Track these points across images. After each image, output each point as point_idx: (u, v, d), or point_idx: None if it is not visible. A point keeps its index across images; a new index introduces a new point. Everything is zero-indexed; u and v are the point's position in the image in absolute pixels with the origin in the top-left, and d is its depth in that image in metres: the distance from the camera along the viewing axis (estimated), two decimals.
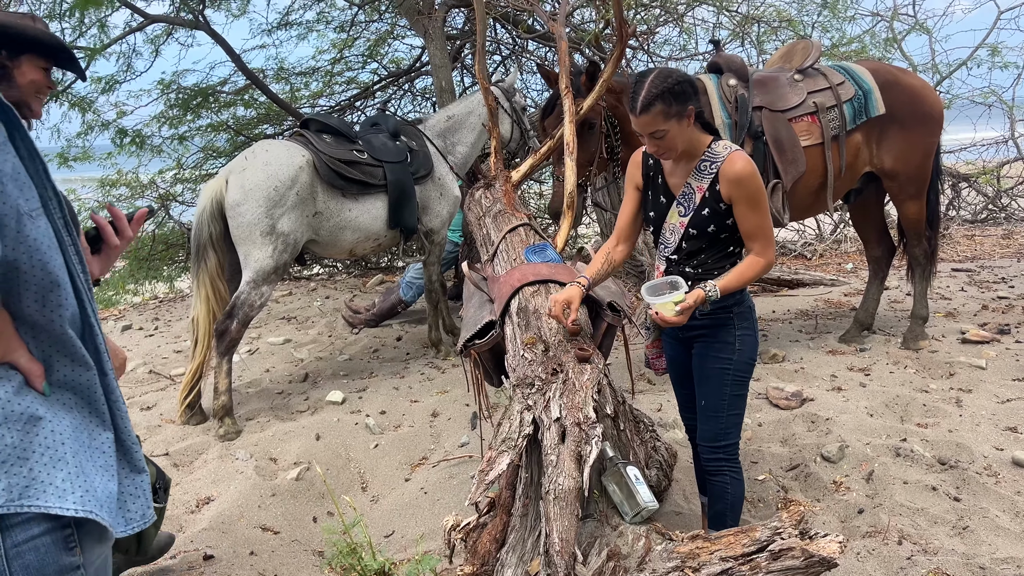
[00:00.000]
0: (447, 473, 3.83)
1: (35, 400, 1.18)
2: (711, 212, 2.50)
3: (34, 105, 2.15)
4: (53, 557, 1.17)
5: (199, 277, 4.58)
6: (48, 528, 1.17)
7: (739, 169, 2.42)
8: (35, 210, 1.18)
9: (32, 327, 1.19)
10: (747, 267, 2.50)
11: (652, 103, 2.36)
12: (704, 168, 2.49)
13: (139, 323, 7.56)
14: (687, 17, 8.93)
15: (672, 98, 2.36)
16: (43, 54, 2.09)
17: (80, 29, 7.77)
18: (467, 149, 5.73)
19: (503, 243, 3.53)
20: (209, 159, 9.45)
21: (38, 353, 1.20)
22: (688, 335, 2.68)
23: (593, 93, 4.12)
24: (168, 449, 4.23)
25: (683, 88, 2.38)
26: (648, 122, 2.39)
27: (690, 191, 2.53)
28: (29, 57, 2.09)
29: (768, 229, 2.50)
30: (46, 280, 1.18)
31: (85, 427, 1.24)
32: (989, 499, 3.23)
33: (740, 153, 2.46)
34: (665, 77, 2.38)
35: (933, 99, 5.00)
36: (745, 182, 2.43)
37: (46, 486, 1.15)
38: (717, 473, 2.66)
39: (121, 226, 1.43)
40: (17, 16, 2.17)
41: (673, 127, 2.39)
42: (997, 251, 8.60)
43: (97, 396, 1.27)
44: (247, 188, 4.45)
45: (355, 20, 9.67)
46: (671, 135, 2.41)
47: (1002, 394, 4.28)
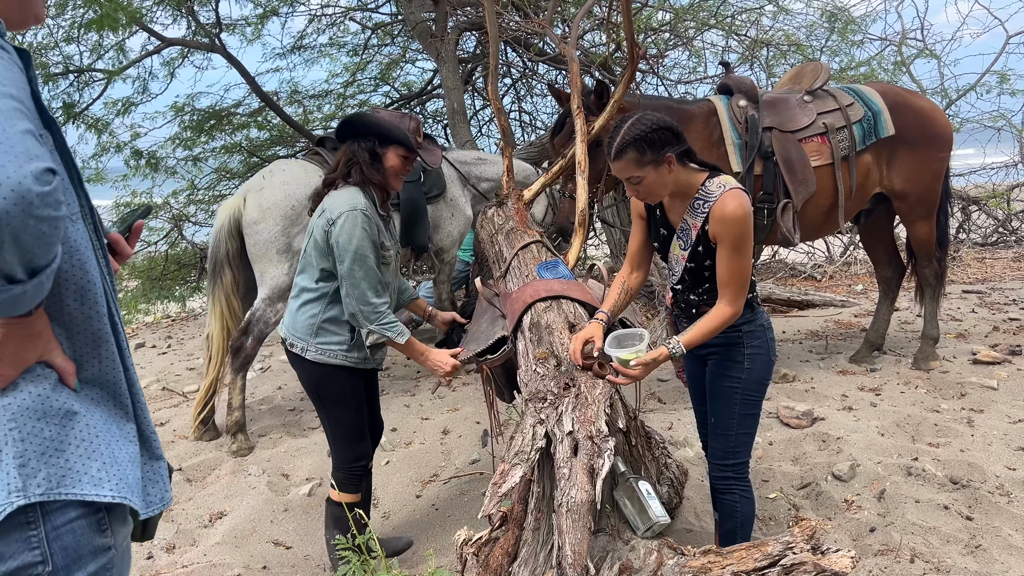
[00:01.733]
0: (458, 490, 3.84)
1: (70, 396, 1.26)
2: (705, 250, 2.47)
3: (394, 183, 2.89)
4: (88, 539, 1.26)
5: (215, 294, 4.63)
6: (83, 513, 1.25)
7: (728, 211, 2.36)
8: (75, 214, 1.27)
9: (67, 327, 1.26)
10: (712, 319, 2.44)
11: (624, 150, 2.34)
12: (698, 207, 2.45)
13: (152, 341, 7.62)
14: (696, 41, 9.02)
15: (646, 145, 2.33)
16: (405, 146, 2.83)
17: (99, 51, 7.90)
18: (489, 186, 5.80)
19: (515, 260, 3.56)
20: (223, 180, 9.56)
21: (70, 352, 1.27)
22: (703, 352, 2.67)
23: (605, 113, 4.17)
24: (181, 464, 4.26)
25: (659, 135, 2.34)
26: (621, 168, 2.38)
27: (687, 227, 2.51)
28: (395, 148, 2.82)
29: (744, 276, 2.42)
30: (84, 280, 1.26)
31: (114, 419, 1.32)
32: (1001, 518, 3.22)
33: (735, 193, 2.39)
34: (640, 124, 2.35)
35: (942, 121, 5.03)
36: (731, 224, 2.36)
37: (81, 475, 1.23)
38: (726, 491, 2.66)
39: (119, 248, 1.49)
40: (393, 115, 2.92)
41: (649, 173, 2.37)
42: (1008, 273, 8.58)
43: (122, 390, 1.35)
44: (265, 207, 4.51)
45: (368, 44, 9.81)
46: (648, 181, 2.39)
47: (1014, 414, 4.27)
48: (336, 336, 2.87)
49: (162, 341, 7.61)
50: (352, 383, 2.95)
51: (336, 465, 3.02)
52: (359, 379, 2.99)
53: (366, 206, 2.75)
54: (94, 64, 8.00)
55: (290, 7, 8.84)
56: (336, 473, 3.01)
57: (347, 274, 2.73)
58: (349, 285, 2.74)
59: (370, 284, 2.73)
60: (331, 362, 2.88)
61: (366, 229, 2.71)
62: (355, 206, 2.72)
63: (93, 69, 8.02)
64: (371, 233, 2.74)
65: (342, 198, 2.76)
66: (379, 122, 2.80)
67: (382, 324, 2.78)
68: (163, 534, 3.52)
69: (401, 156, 2.84)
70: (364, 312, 2.75)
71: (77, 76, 7.94)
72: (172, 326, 8.58)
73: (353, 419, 2.97)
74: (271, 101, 8.38)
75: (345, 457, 2.99)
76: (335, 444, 3.01)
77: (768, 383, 2.64)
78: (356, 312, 2.77)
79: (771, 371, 2.64)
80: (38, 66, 7.46)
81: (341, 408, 2.95)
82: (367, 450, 3.05)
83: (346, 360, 2.90)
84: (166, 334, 8.01)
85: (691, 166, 2.49)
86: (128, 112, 8.48)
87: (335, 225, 2.72)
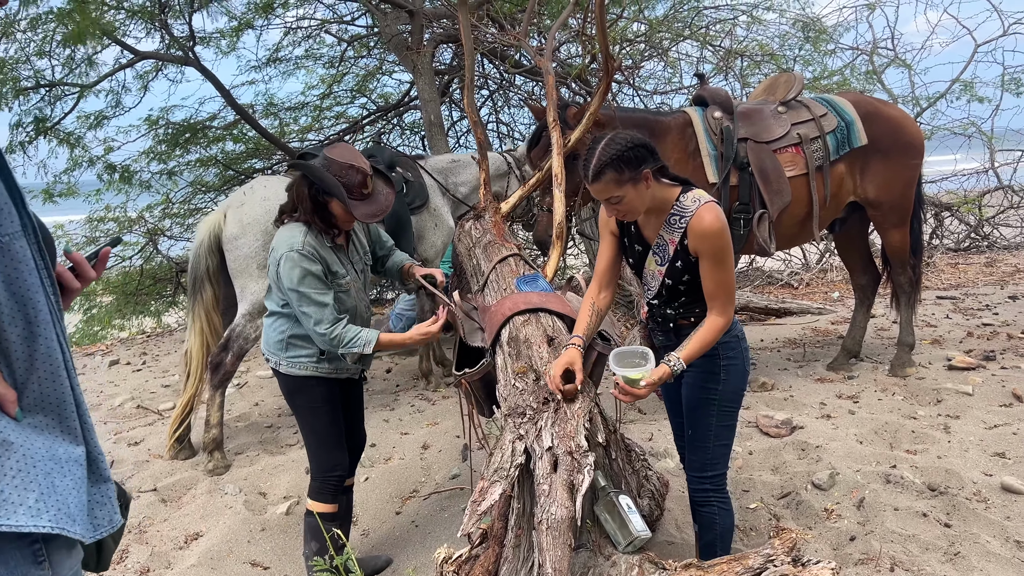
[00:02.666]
0: (438, 506, 3.81)
1: (7, 426, 1.21)
2: (684, 264, 2.48)
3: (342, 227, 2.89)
4: (23, 570, 1.22)
5: (195, 310, 4.59)
6: (16, 545, 1.21)
7: (707, 225, 2.37)
8: (15, 233, 1.22)
9: (6, 351, 1.22)
10: (707, 331, 2.45)
11: (602, 171, 2.33)
12: (674, 222, 2.46)
13: (126, 358, 7.52)
14: (672, 52, 9.08)
15: (623, 164, 2.33)
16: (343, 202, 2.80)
17: (70, 66, 7.81)
18: (467, 191, 5.79)
19: (493, 273, 3.55)
20: (198, 194, 9.47)
21: (11, 378, 1.23)
22: None
23: (581, 126, 4.18)
24: (156, 484, 4.19)
25: (635, 153, 2.34)
26: (601, 190, 2.38)
27: (663, 243, 2.51)
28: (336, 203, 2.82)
29: (730, 287, 2.45)
30: (26, 301, 1.22)
31: (59, 444, 1.28)
32: (979, 525, 3.24)
33: (710, 207, 2.40)
34: (615, 144, 2.34)
35: (913, 129, 5.09)
36: (711, 238, 2.38)
37: (16, 507, 1.19)
38: (705, 503, 2.65)
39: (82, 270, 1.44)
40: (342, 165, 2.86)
41: (628, 192, 2.37)
42: (981, 279, 8.70)
43: (69, 412, 1.30)
44: (245, 222, 4.48)
45: (344, 56, 9.78)
46: (628, 200, 2.38)
47: (989, 420, 4.31)
48: (305, 349, 2.94)
49: (136, 358, 7.51)
50: (324, 392, 2.98)
51: (312, 474, 3.05)
52: (334, 388, 3.02)
53: (303, 244, 2.77)
54: (65, 78, 7.92)
55: (265, 20, 8.79)
56: (312, 482, 3.04)
57: (297, 311, 2.81)
58: (303, 319, 2.80)
59: (319, 318, 2.76)
60: (302, 373, 2.95)
61: (305, 268, 2.75)
62: (291, 246, 2.76)
63: (64, 83, 7.94)
64: (311, 270, 2.76)
65: (283, 237, 2.83)
66: (320, 175, 2.81)
67: (346, 345, 2.80)
68: (137, 557, 3.46)
69: (343, 210, 2.86)
70: (324, 342, 2.81)
71: (49, 90, 7.84)
72: (147, 342, 8.47)
73: (326, 428, 3.00)
74: (246, 114, 8.32)
75: (320, 466, 3.01)
76: (310, 452, 3.05)
77: (744, 393, 2.64)
78: (323, 343, 2.84)
79: (746, 381, 2.64)
80: (8, 80, 7.37)
81: (314, 416, 2.99)
82: (342, 460, 3.04)
83: (316, 371, 2.96)
84: (141, 350, 7.90)
85: (664, 181, 2.49)
86: (101, 126, 8.39)
87: (278, 265, 2.79)
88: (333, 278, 2.86)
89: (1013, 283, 8.23)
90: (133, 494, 4.09)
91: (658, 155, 2.44)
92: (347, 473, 3.09)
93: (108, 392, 6.23)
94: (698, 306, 2.56)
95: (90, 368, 7.18)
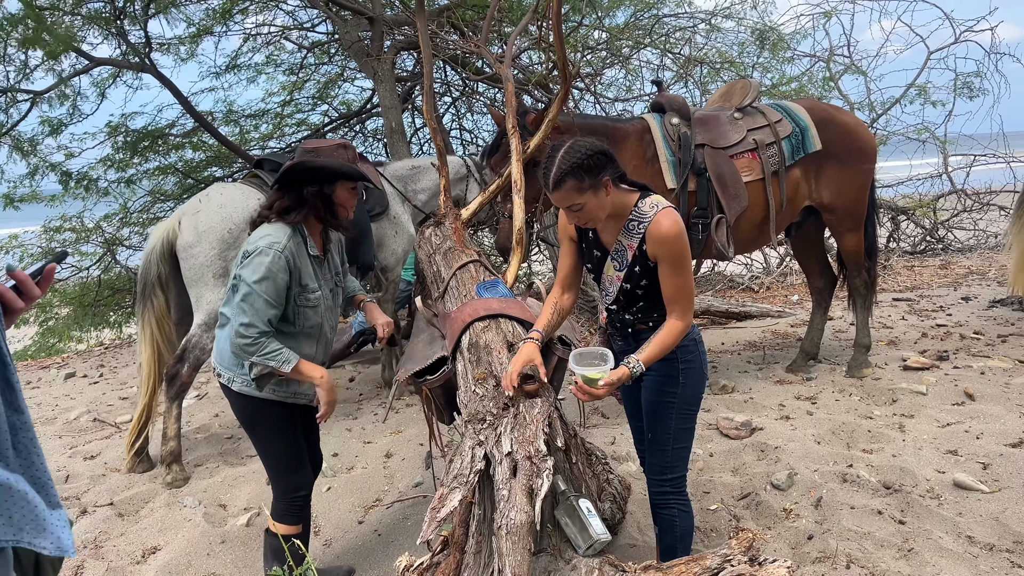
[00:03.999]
0: (401, 514, 3.80)
1: None
2: (642, 270, 2.50)
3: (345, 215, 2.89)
4: None
5: (144, 317, 4.50)
6: None
7: (664, 230, 2.39)
8: None
9: None
10: (667, 334, 2.46)
11: (563, 179, 2.34)
12: (633, 227, 2.48)
13: (83, 370, 7.37)
14: (632, 59, 9.17)
15: (583, 172, 2.34)
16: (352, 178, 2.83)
17: (24, 71, 7.67)
18: (426, 197, 5.78)
19: (453, 280, 3.55)
20: (157, 202, 9.34)
21: None
22: None
23: (540, 132, 4.21)
24: (113, 499, 4.11)
25: (595, 160, 2.35)
26: (562, 198, 2.38)
27: (622, 248, 2.53)
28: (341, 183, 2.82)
29: (689, 291, 2.46)
30: None
31: None
32: (933, 521, 3.31)
33: (667, 212, 2.42)
34: (575, 151, 2.35)
35: (866, 135, 5.20)
36: (669, 243, 2.39)
37: None
38: (665, 506, 2.67)
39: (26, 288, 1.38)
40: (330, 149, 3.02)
41: (589, 199, 2.38)
42: (935, 281, 8.90)
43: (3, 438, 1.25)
44: (201, 230, 4.41)
45: (304, 63, 9.73)
46: (588, 207, 2.40)
47: (942, 418, 4.41)
48: None
49: (93, 370, 7.37)
50: (283, 415, 2.86)
51: (275, 496, 2.95)
52: (292, 411, 2.90)
53: (284, 248, 2.67)
54: (19, 84, 7.76)
55: (224, 26, 8.71)
56: (275, 504, 2.94)
57: (236, 301, 2.64)
58: (237, 313, 2.64)
59: (252, 320, 2.61)
60: (260, 396, 2.79)
61: (272, 271, 2.63)
62: (272, 245, 2.64)
63: (18, 89, 7.78)
64: (277, 278, 2.64)
65: (264, 233, 2.70)
66: (325, 165, 2.79)
67: (263, 355, 2.64)
68: (93, 573, 3.39)
69: (348, 188, 2.85)
70: (240, 343, 2.63)
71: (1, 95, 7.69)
72: (104, 354, 8.32)
73: (287, 451, 2.89)
74: (205, 121, 8.23)
75: (283, 488, 2.92)
76: (272, 475, 2.94)
77: (702, 397, 2.67)
78: (237, 343, 2.64)
79: (704, 385, 2.67)
80: None
81: (273, 440, 2.87)
82: (306, 479, 2.97)
83: (273, 394, 2.82)
84: (98, 362, 7.76)
85: (623, 187, 2.52)
86: (59, 132, 8.25)
87: (250, 256, 2.65)
88: (302, 291, 2.75)
89: (966, 285, 8.43)
90: (89, 508, 4.01)
91: (617, 162, 2.45)
92: (310, 492, 3.01)
93: (64, 405, 6.11)
94: (656, 311, 2.58)
95: (45, 381, 7.03)
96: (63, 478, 4.45)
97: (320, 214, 2.80)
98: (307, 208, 2.77)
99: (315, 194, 2.76)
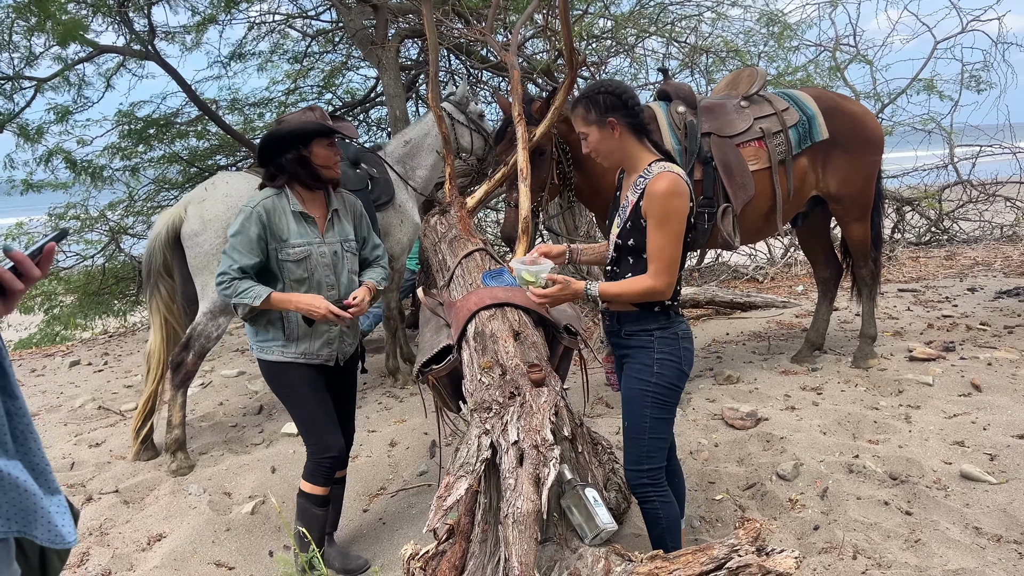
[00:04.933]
0: (406, 503, 3.80)
1: None
2: (632, 226, 2.52)
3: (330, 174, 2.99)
4: None
5: (152, 305, 4.52)
6: None
7: (657, 187, 2.42)
8: None
9: None
10: (633, 282, 2.50)
11: (575, 105, 2.53)
12: (639, 183, 2.52)
13: (88, 358, 7.38)
14: (638, 48, 9.13)
15: (591, 104, 2.48)
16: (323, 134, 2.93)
17: (29, 59, 7.66)
18: (427, 172, 5.71)
19: (459, 268, 3.54)
20: (161, 191, 9.34)
21: None
22: (618, 354, 2.72)
23: (545, 121, 4.18)
24: (118, 486, 4.12)
25: (603, 98, 2.48)
26: (574, 122, 2.57)
27: (626, 203, 2.57)
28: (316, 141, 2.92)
29: (669, 257, 2.45)
30: None
31: None
32: (939, 512, 3.30)
33: (669, 175, 2.43)
34: (595, 86, 2.52)
35: (873, 124, 5.16)
36: (657, 199, 2.41)
37: None
38: (645, 499, 2.62)
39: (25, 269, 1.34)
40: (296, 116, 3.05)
41: (593, 132, 2.51)
42: (941, 272, 8.87)
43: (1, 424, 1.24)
44: (206, 218, 4.41)
45: (309, 51, 9.69)
46: (592, 139, 2.53)
47: (949, 409, 4.39)
48: (270, 332, 3.00)
49: (98, 358, 7.38)
50: (297, 376, 3.02)
51: (307, 455, 3.08)
52: (307, 373, 3.04)
53: (257, 204, 2.89)
54: (23, 71, 7.75)
55: (228, 15, 8.67)
56: (307, 462, 3.08)
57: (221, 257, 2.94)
58: (220, 265, 2.88)
59: (224, 268, 2.85)
60: (270, 358, 3.01)
61: (242, 224, 2.86)
62: (248, 203, 2.90)
63: (23, 76, 7.77)
64: (247, 229, 2.86)
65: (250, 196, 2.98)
66: (291, 129, 2.91)
67: (238, 295, 2.84)
68: (98, 560, 3.39)
69: (325, 145, 2.96)
70: (221, 289, 2.87)
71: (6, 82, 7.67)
72: (109, 342, 8.33)
73: (308, 412, 3.03)
74: (209, 110, 8.21)
75: (311, 448, 3.05)
76: (302, 436, 3.10)
77: (681, 390, 2.62)
78: (218, 292, 2.93)
79: (684, 380, 2.62)
80: None
81: (292, 401, 3.05)
82: (334, 443, 3.05)
83: (283, 355, 3.01)
84: (102, 351, 7.76)
85: (646, 144, 2.56)
86: (65, 120, 8.24)
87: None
88: (282, 246, 2.92)
89: (972, 275, 8.40)
90: (94, 496, 4.02)
91: (635, 112, 2.52)
92: (341, 457, 3.10)
93: (69, 393, 6.12)
94: None
95: (50, 369, 7.04)
96: (68, 465, 4.46)
97: (302, 179, 2.96)
98: (287, 174, 2.95)
99: (293, 160, 2.92)
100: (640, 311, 2.56)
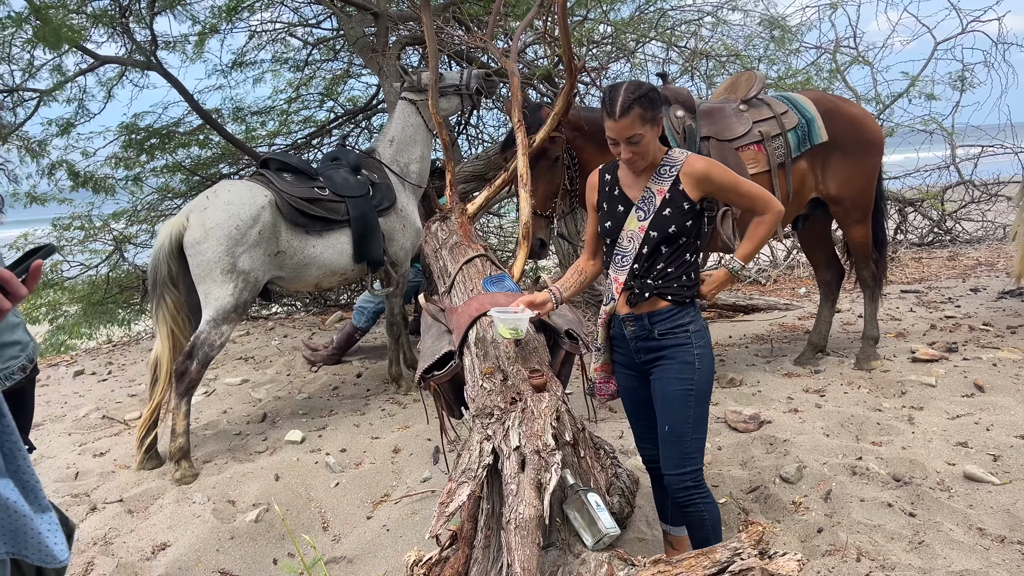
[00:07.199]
0: (410, 509, 3.80)
1: None
2: (672, 212, 2.53)
3: None
4: None
5: (158, 314, 4.52)
6: None
7: (703, 167, 2.53)
8: None
9: None
10: (755, 226, 2.60)
11: (631, 107, 2.44)
12: (664, 172, 2.57)
13: (92, 368, 7.40)
14: (638, 53, 9.13)
15: (648, 103, 2.47)
16: None
17: (30, 70, 7.69)
18: (419, 164, 5.68)
19: (460, 274, 3.55)
20: (165, 200, 9.36)
21: None
22: (645, 359, 2.66)
23: (545, 126, 4.20)
24: (122, 495, 4.13)
25: (655, 96, 2.50)
26: (627, 126, 2.46)
27: (650, 195, 2.58)
28: None
29: (757, 192, 2.58)
30: None
31: None
32: (943, 514, 3.30)
33: (697, 155, 2.58)
34: (640, 85, 2.51)
35: (873, 126, 5.17)
36: (715, 174, 2.53)
37: None
38: (689, 503, 2.58)
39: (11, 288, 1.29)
40: None
41: (648, 132, 2.49)
42: (943, 273, 8.86)
43: None
44: (208, 227, 4.43)
45: (310, 60, 9.72)
46: (646, 140, 2.50)
47: (952, 410, 4.39)
48: None
49: (102, 368, 7.39)
50: None
51: None
52: None
53: None
54: (25, 83, 7.78)
55: (228, 24, 8.70)
56: None
57: None
58: None
59: None
60: None
61: None
62: None
63: (25, 88, 7.80)
64: None
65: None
66: None
67: None
68: (103, 569, 3.40)
69: None
70: None
71: (8, 95, 7.71)
72: (113, 352, 8.35)
73: None
74: (210, 119, 8.24)
75: None
76: None
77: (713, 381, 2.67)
78: None
79: (714, 369, 2.67)
80: None
81: None
82: None
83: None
84: (106, 360, 7.78)
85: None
86: (67, 133, 8.28)
87: None
88: None
89: (975, 276, 8.39)
90: (99, 505, 4.03)
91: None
92: None
93: (73, 403, 6.13)
94: (677, 282, 2.57)
95: (54, 379, 7.06)
96: (73, 475, 4.47)
97: None
98: None
99: None
100: (672, 307, 2.57)
